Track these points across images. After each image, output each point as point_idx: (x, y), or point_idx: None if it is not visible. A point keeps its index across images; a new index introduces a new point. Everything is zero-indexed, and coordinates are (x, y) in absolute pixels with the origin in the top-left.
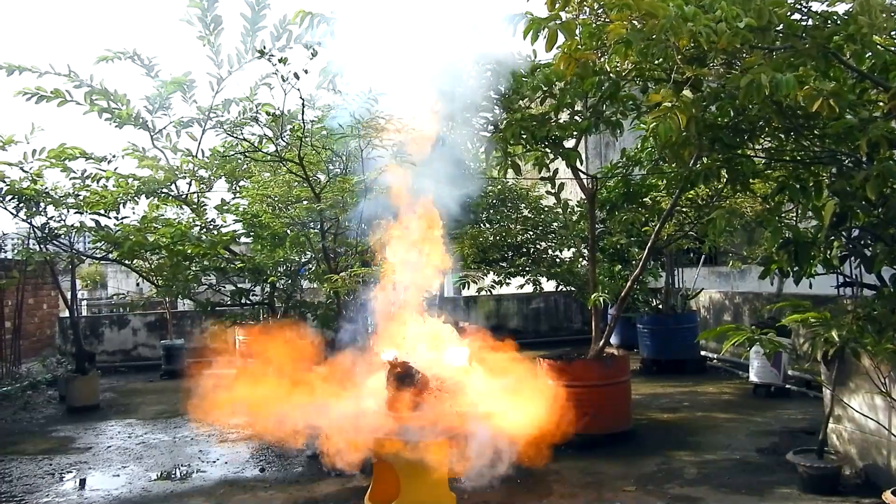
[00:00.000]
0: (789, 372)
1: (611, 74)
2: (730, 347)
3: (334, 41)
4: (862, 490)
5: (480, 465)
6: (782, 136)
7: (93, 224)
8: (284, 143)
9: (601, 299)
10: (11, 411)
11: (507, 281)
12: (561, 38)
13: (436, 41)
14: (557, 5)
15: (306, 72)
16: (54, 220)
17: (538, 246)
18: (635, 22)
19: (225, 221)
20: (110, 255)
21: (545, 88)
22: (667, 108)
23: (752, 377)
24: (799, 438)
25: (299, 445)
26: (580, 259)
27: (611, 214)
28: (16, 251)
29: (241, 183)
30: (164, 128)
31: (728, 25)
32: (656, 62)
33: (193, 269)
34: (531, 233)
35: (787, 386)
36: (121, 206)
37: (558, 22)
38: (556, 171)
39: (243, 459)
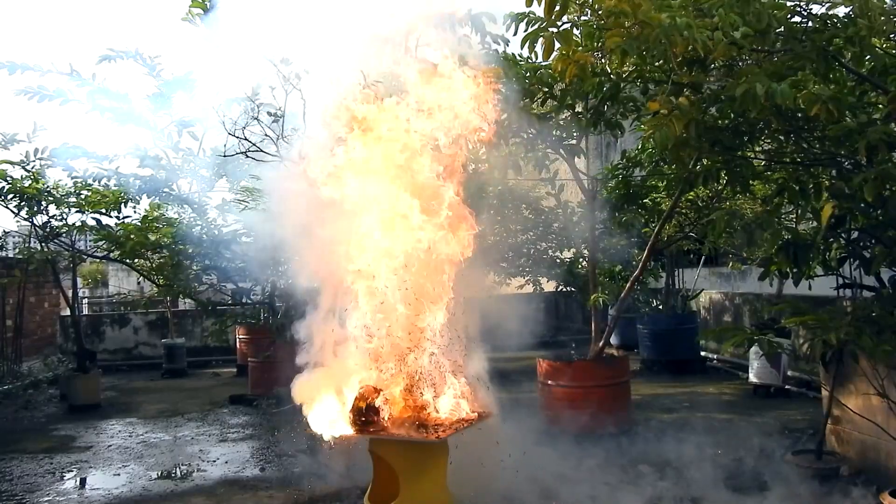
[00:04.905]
0: (789, 373)
1: (611, 76)
2: (730, 348)
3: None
4: (860, 491)
5: None
6: (782, 138)
7: (94, 223)
8: (286, 143)
9: (601, 300)
10: (12, 410)
11: (508, 281)
12: (557, 45)
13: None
14: (557, 9)
15: (308, 72)
16: (56, 219)
17: (539, 246)
18: (632, 28)
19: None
20: (111, 255)
21: (546, 89)
22: (663, 116)
23: (752, 378)
24: (798, 439)
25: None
26: (580, 260)
27: (611, 215)
28: (17, 250)
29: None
30: (166, 127)
31: (724, 34)
32: (656, 64)
33: (195, 268)
34: (531, 233)
35: (787, 387)
36: (122, 205)
37: (554, 30)
38: (556, 172)
39: (244, 459)
